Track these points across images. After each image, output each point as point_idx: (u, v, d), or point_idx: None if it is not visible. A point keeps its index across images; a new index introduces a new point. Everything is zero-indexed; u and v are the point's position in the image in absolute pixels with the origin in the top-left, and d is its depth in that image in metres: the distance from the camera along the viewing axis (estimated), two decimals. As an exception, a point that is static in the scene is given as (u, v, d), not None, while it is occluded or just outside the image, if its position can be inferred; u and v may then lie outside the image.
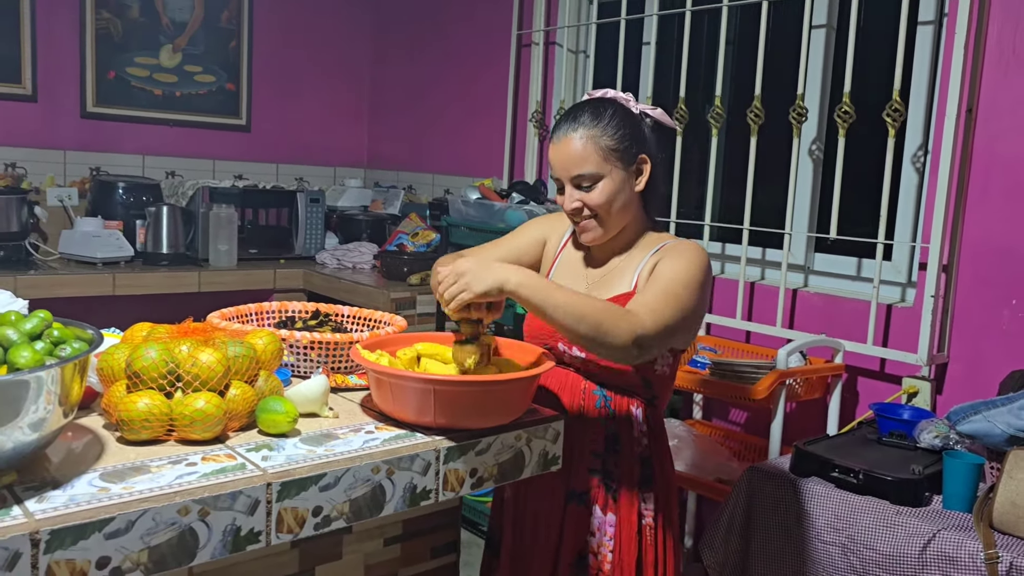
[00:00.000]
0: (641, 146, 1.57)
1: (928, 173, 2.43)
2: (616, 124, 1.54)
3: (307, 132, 4.38)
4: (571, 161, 1.54)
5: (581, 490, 1.61)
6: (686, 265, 1.51)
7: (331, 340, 1.56)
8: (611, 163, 1.53)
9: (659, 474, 1.63)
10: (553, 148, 1.57)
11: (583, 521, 1.61)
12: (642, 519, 1.60)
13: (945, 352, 2.36)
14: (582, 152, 1.53)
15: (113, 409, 1.21)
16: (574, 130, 1.54)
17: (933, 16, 2.44)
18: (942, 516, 1.79)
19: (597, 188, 1.54)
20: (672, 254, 1.55)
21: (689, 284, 1.49)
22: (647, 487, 1.61)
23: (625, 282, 1.59)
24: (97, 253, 3.27)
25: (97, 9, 3.71)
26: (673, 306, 1.44)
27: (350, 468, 1.20)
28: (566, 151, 1.54)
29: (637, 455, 1.61)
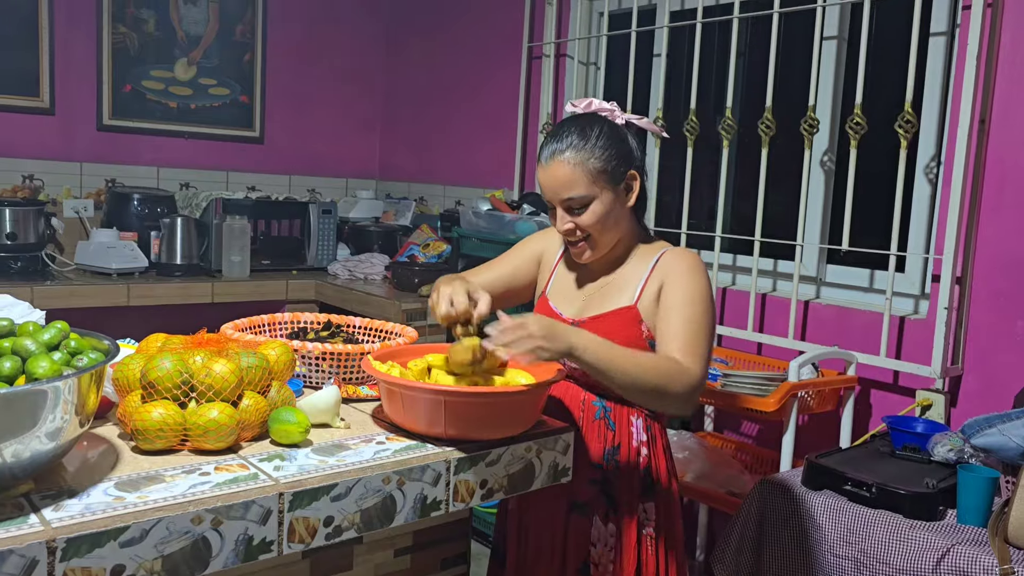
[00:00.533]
0: (629, 162, 1.57)
1: (941, 184, 2.43)
2: (603, 144, 1.53)
3: (319, 144, 4.41)
4: (560, 185, 1.53)
5: (582, 500, 1.61)
6: (695, 284, 1.54)
7: (343, 351, 1.57)
8: (600, 184, 1.53)
9: (659, 484, 1.64)
10: (541, 171, 1.57)
11: (584, 531, 1.61)
12: (642, 529, 1.61)
13: (959, 364, 2.35)
14: (571, 176, 1.52)
15: (128, 419, 1.23)
16: (561, 153, 1.53)
17: (945, 27, 2.44)
18: (957, 531, 1.78)
19: (588, 210, 1.54)
20: (676, 274, 1.56)
21: (705, 303, 1.53)
22: (648, 497, 1.62)
23: (626, 295, 1.60)
24: (112, 264, 3.30)
25: (114, 23, 3.76)
26: (704, 336, 1.51)
27: (361, 478, 1.21)
28: (554, 175, 1.53)
29: (636, 466, 1.62)
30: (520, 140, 3.66)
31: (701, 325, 1.51)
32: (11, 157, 3.56)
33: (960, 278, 2.32)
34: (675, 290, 1.54)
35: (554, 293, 1.71)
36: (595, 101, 1.61)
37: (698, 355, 1.48)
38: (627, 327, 1.56)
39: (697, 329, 1.50)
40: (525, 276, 1.76)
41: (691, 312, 1.51)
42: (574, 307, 1.66)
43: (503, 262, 1.77)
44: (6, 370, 1.06)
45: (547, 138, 1.59)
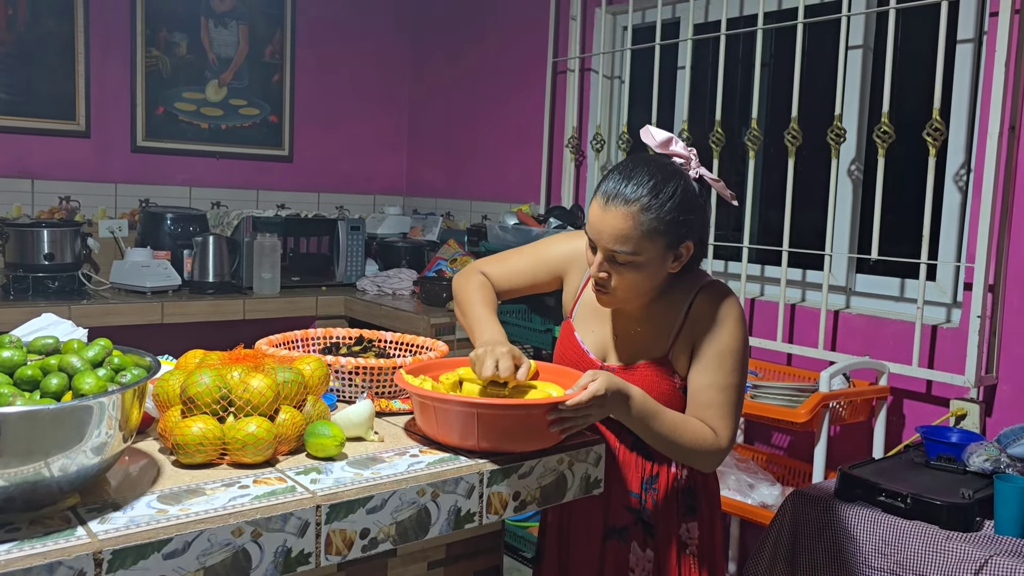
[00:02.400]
0: (690, 233, 1.45)
1: (971, 191, 2.41)
2: (671, 208, 1.40)
3: (347, 161, 4.47)
4: (611, 235, 1.41)
5: (620, 526, 1.60)
6: (728, 337, 1.49)
7: (375, 365, 1.59)
8: (651, 246, 1.41)
9: (704, 502, 1.61)
10: (597, 208, 1.43)
11: (623, 557, 1.59)
12: (683, 551, 1.58)
13: (994, 373, 2.32)
14: (627, 231, 1.40)
15: (169, 434, 1.25)
16: (627, 203, 1.39)
17: (972, 34, 2.43)
18: (994, 541, 1.75)
19: (627, 268, 1.43)
20: (709, 324, 1.49)
21: (736, 356, 1.50)
22: (691, 516, 1.59)
23: (658, 346, 1.54)
24: (146, 282, 3.36)
25: (147, 47, 3.84)
26: (735, 400, 1.50)
27: (396, 491, 1.22)
28: (610, 223, 1.40)
29: (675, 489, 1.58)
30: (546, 154, 3.68)
31: (734, 387, 1.49)
32: (49, 179, 3.65)
33: (993, 286, 2.30)
34: (709, 347, 1.49)
35: (580, 321, 1.64)
36: (676, 141, 1.48)
37: (729, 424, 1.49)
38: (660, 380, 1.52)
39: (730, 394, 1.49)
40: (543, 280, 1.69)
41: (724, 375, 1.49)
42: (600, 348, 1.60)
43: (525, 258, 1.69)
44: (53, 386, 1.09)
45: (616, 175, 1.44)
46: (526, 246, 1.72)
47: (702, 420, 1.49)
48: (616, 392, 1.38)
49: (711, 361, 1.49)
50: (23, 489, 1.00)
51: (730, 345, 1.49)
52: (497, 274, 1.70)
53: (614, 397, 1.37)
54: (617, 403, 1.39)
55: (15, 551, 0.95)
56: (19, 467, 0.98)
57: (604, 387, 1.35)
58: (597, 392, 1.34)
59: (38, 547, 0.96)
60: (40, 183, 3.63)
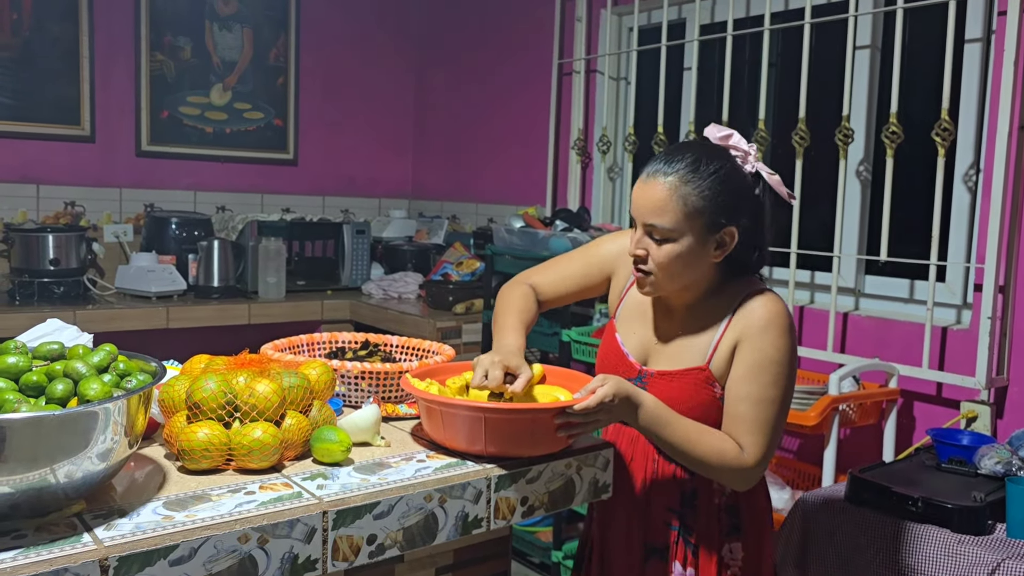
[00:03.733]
0: (733, 217, 1.39)
1: (981, 192, 2.39)
2: (713, 185, 1.37)
3: (352, 164, 4.46)
4: (650, 207, 1.39)
5: (660, 545, 1.52)
6: (771, 347, 1.40)
7: (381, 370, 1.58)
8: (691, 225, 1.37)
9: (749, 521, 1.52)
10: (639, 185, 1.42)
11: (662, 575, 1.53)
12: (727, 570, 1.50)
13: (1005, 375, 2.30)
14: (665, 202, 1.37)
15: (174, 439, 1.24)
16: (665, 175, 1.38)
17: (980, 33, 2.41)
18: (1007, 545, 1.74)
19: (666, 245, 1.39)
20: (753, 332, 1.41)
21: (778, 368, 1.40)
22: (735, 536, 1.51)
23: (698, 352, 1.47)
24: (151, 287, 3.36)
25: (151, 52, 3.85)
26: (772, 416, 1.41)
27: (403, 496, 1.21)
28: (649, 195, 1.39)
29: (717, 506, 1.51)
30: (552, 156, 3.67)
31: (770, 402, 1.40)
32: (53, 184, 3.65)
33: (1003, 287, 2.28)
34: (747, 356, 1.41)
35: (623, 322, 1.59)
36: (736, 136, 1.45)
37: (760, 440, 1.39)
38: (699, 390, 1.45)
39: (765, 409, 1.39)
40: (595, 282, 1.66)
41: (760, 388, 1.39)
42: (642, 351, 1.55)
43: (573, 264, 1.66)
44: (59, 392, 1.08)
45: (659, 154, 1.44)
46: (574, 251, 1.70)
47: (732, 433, 1.41)
48: (625, 398, 1.35)
49: (749, 371, 1.41)
50: (29, 496, 0.99)
51: (771, 356, 1.40)
52: (545, 282, 1.66)
53: (623, 403, 1.35)
54: (626, 409, 1.37)
55: (21, 558, 0.94)
56: (25, 474, 0.97)
57: (612, 392, 1.33)
58: (604, 397, 1.32)
59: (44, 554, 0.95)
60: (45, 188, 3.64)
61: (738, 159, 1.44)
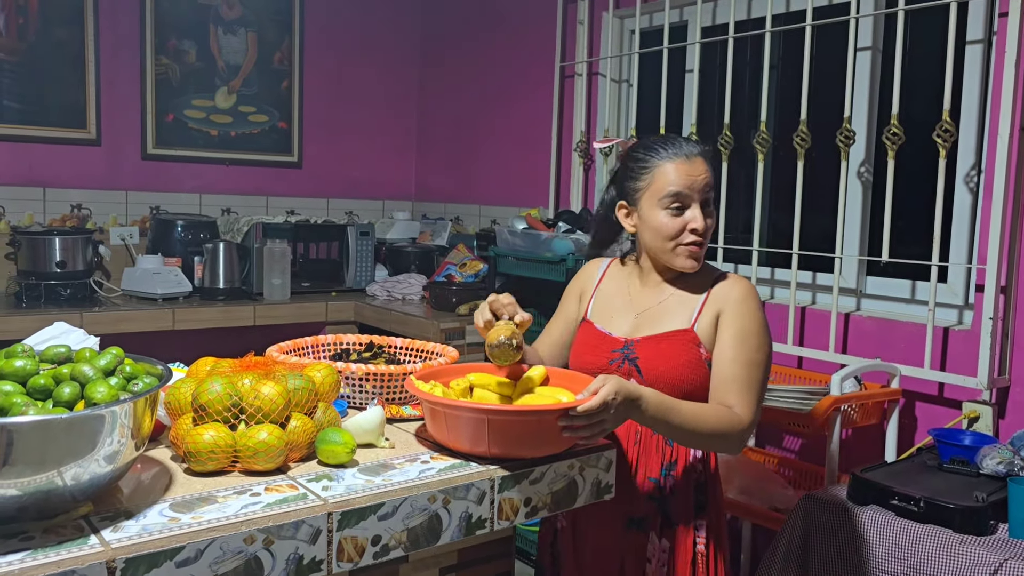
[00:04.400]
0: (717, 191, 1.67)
1: (982, 193, 2.40)
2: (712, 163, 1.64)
3: (356, 167, 4.48)
4: (703, 181, 1.59)
5: (639, 516, 1.62)
6: (750, 316, 1.58)
7: (385, 372, 1.59)
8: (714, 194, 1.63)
9: (712, 502, 1.65)
10: (685, 164, 1.58)
11: (641, 547, 1.62)
12: (695, 546, 1.61)
13: (1007, 375, 2.30)
14: (710, 176, 1.60)
15: (180, 441, 1.26)
16: (702, 151, 1.61)
17: (982, 35, 2.42)
18: (1009, 545, 1.74)
19: (711, 216, 1.60)
20: (732, 303, 1.59)
21: (759, 335, 1.57)
22: (700, 513, 1.63)
23: (680, 318, 1.62)
24: (157, 289, 3.38)
25: (156, 55, 3.87)
26: (758, 377, 1.55)
27: (407, 497, 1.23)
28: (699, 170, 1.59)
29: (692, 482, 1.63)
30: (554, 158, 3.69)
31: (756, 364, 1.55)
32: (60, 187, 3.67)
33: (1005, 287, 2.29)
34: (731, 323, 1.57)
35: (597, 315, 1.72)
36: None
37: (751, 401, 1.53)
38: (686, 349, 1.58)
39: (752, 370, 1.54)
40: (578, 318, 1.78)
41: (747, 352, 1.55)
42: (625, 327, 1.67)
43: (557, 325, 1.80)
44: (66, 395, 1.09)
45: (672, 139, 1.63)
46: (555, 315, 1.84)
47: (724, 395, 1.53)
48: (627, 396, 1.37)
49: (734, 338, 1.56)
50: (36, 498, 1.01)
51: (752, 327, 1.57)
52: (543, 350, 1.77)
53: (625, 402, 1.37)
54: (629, 406, 1.39)
55: (29, 560, 0.95)
56: (32, 476, 0.99)
57: (614, 391, 1.35)
58: (607, 396, 1.34)
59: (51, 556, 0.97)
60: (51, 191, 3.66)
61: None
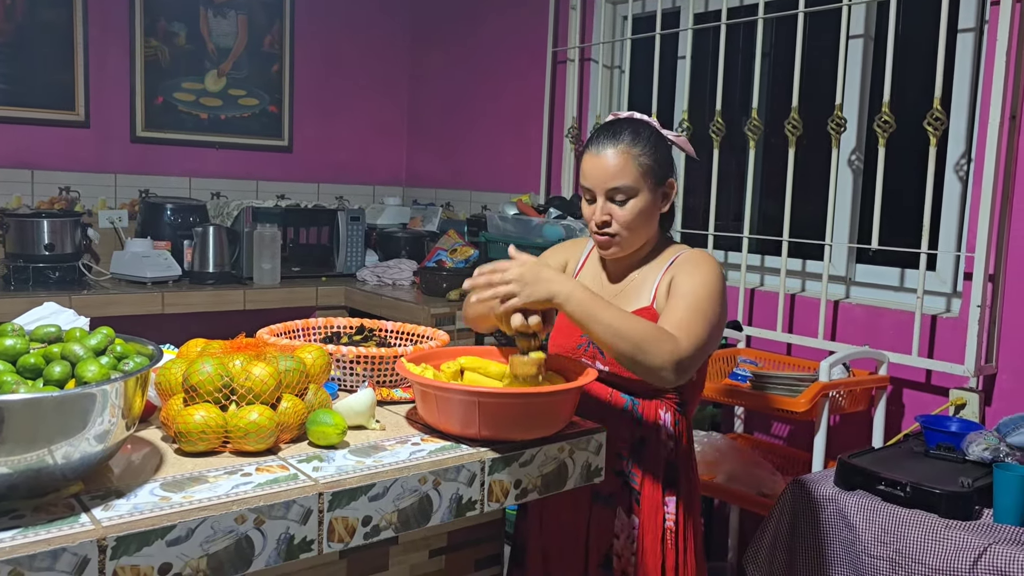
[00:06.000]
0: (669, 170, 1.64)
1: (972, 181, 2.41)
2: (653, 145, 1.60)
3: (347, 152, 4.46)
4: (610, 173, 1.58)
5: (606, 492, 1.64)
6: (704, 277, 1.56)
7: (376, 354, 1.59)
8: (645, 181, 1.59)
9: (684, 479, 1.66)
10: (590, 159, 1.61)
11: (608, 523, 1.63)
12: (664, 522, 1.62)
13: (993, 363, 2.32)
14: (622, 166, 1.58)
15: (171, 422, 1.26)
16: (614, 145, 1.59)
17: (974, 23, 2.42)
18: (993, 530, 1.76)
19: (628, 204, 1.59)
20: (687, 267, 1.60)
21: (712, 295, 1.54)
22: (670, 491, 1.64)
23: (643, 296, 1.64)
24: (146, 273, 3.36)
25: (146, 37, 3.83)
26: (703, 322, 1.50)
27: (398, 479, 1.23)
28: (605, 163, 1.59)
29: (663, 458, 1.64)
30: (545, 144, 3.68)
31: (703, 311, 1.50)
32: (48, 170, 3.64)
33: (993, 275, 2.30)
34: (683, 280, 1.57)
35: None
36: (636, 114, 1.67)
37: (691, 333, 1.46)
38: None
39: (696, 312, 1.50)
40: None
41: (694, 298, 1.52)
42: None
43: None
44: (56, 374, 1.09)
45: (598, 131, 1.64)
46: None
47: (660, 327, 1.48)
48: (531, 269, 1.42)
49: (682, 291, 1.54)
50: (27, 476, 1.01)
51: (702, 281, 1.54)
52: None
53: (526, 274, 1.41)
54: (536, 278, 1.41)
55: (19, 538, 0.95)
56: (23, 454, 0.99)
57: (505, 262, 1.43)
58: (492, 264, 1.43)
59: (42, 534, 0.97)
60: (40, 173, 3.63)
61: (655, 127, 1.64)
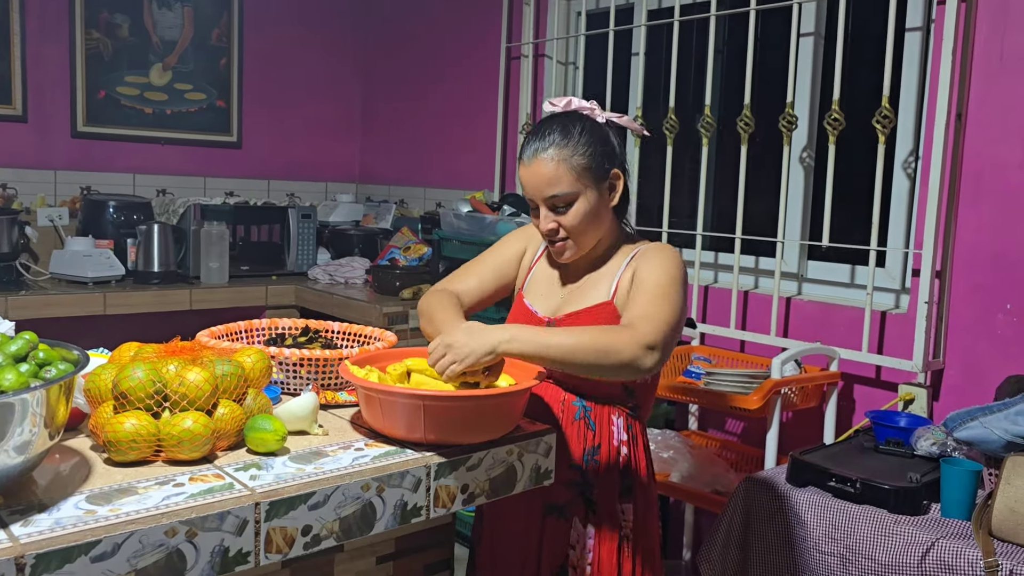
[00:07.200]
0: (612, 161, 1.56)
1: (919, 179, 2.44)
2: (586, 141, 1.52)
3: (298, 148, 4.38)
4: (544, 183, 1.52)
5: (560, 503, 1.60)
6: (666, 265, 1.53)
7: (321, 357, 1.55)
8: (584, 182, 1.52)
9: (639, 485, 1.63)
10: (524, 170, 1.55)
11: (563, 534, 1.60)
12: (621, 530, 1.60)
13: (941, 358, 2.35)
14: (555, 173, 1.51)
15: (100, 430, 1.20)
16: (544, 151, 1.52)
17: (921, 23, 2.45)
18: (941, 524, 1.78)
19: (571, 209, 1.53)
20: (648, 258, 1.56)
21: (673, 281, 1.51)
22: (627, 498, 1.61)
23: (602, 291, 1.59)
24: (88, 272, 3.25)
25: (87, 29, 3.71)
26: (666, 305, 1.46)
27: (340, 486, 1.19)
28: (538, 173, 1.52)
29: (616, 466, 1.61)
30: (500, 141, 3.65)
31: (668, 299, 1.47)
32: (-17, 166, 3.51)
33: (940, 272, 2.33)
34: (645, 270, 1.53)
35: (531, 292, 1.69)
36: (574, 100, 1.60)
37: (654, 318, 1.42)
38: (604, 322, 1.54)
39: (660, 298, 1.47)
40: (509, 274, 1.73)
41: (655, 284, 1.49)
42: (551, 305, 1.64)
43: (486, 263, 1.73)
44: (-29, 383, 1.03)
45: (528, 137, 1.57)
46: (482, 255, 1.76)
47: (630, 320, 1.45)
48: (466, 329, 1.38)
49: (645, 284, 1.50)
50: (-63, 492, 0.95)
51: (664, 272, 1.51)
52: (465, 289, 1.68)
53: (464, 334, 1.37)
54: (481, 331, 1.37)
55: (-73, 558, 0.89)
56: (-68, 469, 0.93)
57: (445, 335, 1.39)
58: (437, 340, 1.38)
59: (-47, 553, 0.91)
60: (-26, 170, 3.50)
61: (588, 114, 1.57)
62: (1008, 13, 2.21)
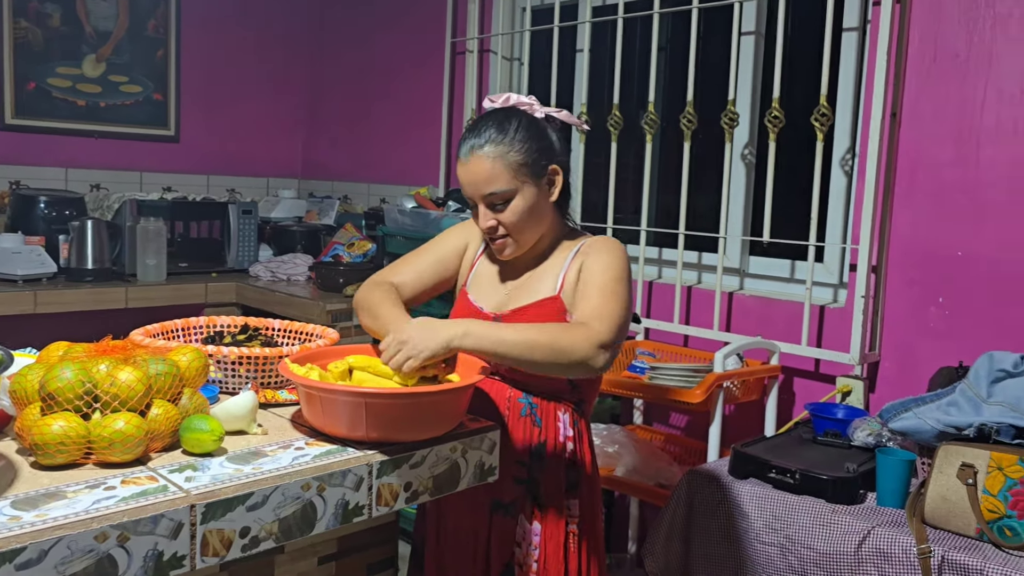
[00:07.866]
0: (550, 156, 1.55)
1: (856, 176, 2.49)
2: (523, 137, 1.52)
3: (239, 142, 4.29)
4: (481, 181, 1.51)
5: (507, 500, 1.59)
6: (613, 261, 1.53)
7: (260, 355, 1.52)
8: (521, 178, 1.51)
9: (584, 479, 1.63)
10: (461, 167, 1.54)
11: (509, 532, 1.59)
12: (568, 524, 1.60)
13: (876, 351, 2.41)
14: (491, 171, 1.50)
15: (27, 433, 1.15)
16: (480, 148, 1.51)
17: (857, 23, 2.50)
18: (876, 513, 1.82)
19: (510, 206, 1.52)
20: (595, 252, 1.56)
21: (621, 278, 1.52)
22: (572, 493, 1.61)
23: (547, 286, 1.59)
24: (17, 270, 3.14)
25: (15, 18, 3.58)
26: (616, 303, 1.47)
27: (279, 486, 1.16)
28: (474, 171, 1.52)
29: (562, 462, 1.60)
30: (445, 137, 3.62)
31: (615, 292, 1.48)
32: (-96, 159, 3.36)
33: (875, 267, 2.39)
34: (592, 266, 1.53)
35: (474, 287, 1.68)
36: (513, 96, 1.60)
37: (607, 317, 1.44)
38: (551, 317, 1.54)
39: (609, 294, 1.48)
40: (450, 268, 1.71)
41: (603, 280, 1.50)
42: (495, 301, 1.63)
43: (427, 256, 1.70)
44: None
45: (465, 134, 1.56)
46: (422, 247, 1.73)
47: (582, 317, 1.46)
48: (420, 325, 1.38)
49: (592, 278, 1.51)
50: None
51: (611, 266, 1.52)
52: (404, 281, 1.65)
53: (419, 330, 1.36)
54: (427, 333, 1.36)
55: None
56: None
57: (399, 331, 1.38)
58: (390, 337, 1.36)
59: None
60: None
61: (526, 110, 1.57)
62: (941, 15, 2.27)
